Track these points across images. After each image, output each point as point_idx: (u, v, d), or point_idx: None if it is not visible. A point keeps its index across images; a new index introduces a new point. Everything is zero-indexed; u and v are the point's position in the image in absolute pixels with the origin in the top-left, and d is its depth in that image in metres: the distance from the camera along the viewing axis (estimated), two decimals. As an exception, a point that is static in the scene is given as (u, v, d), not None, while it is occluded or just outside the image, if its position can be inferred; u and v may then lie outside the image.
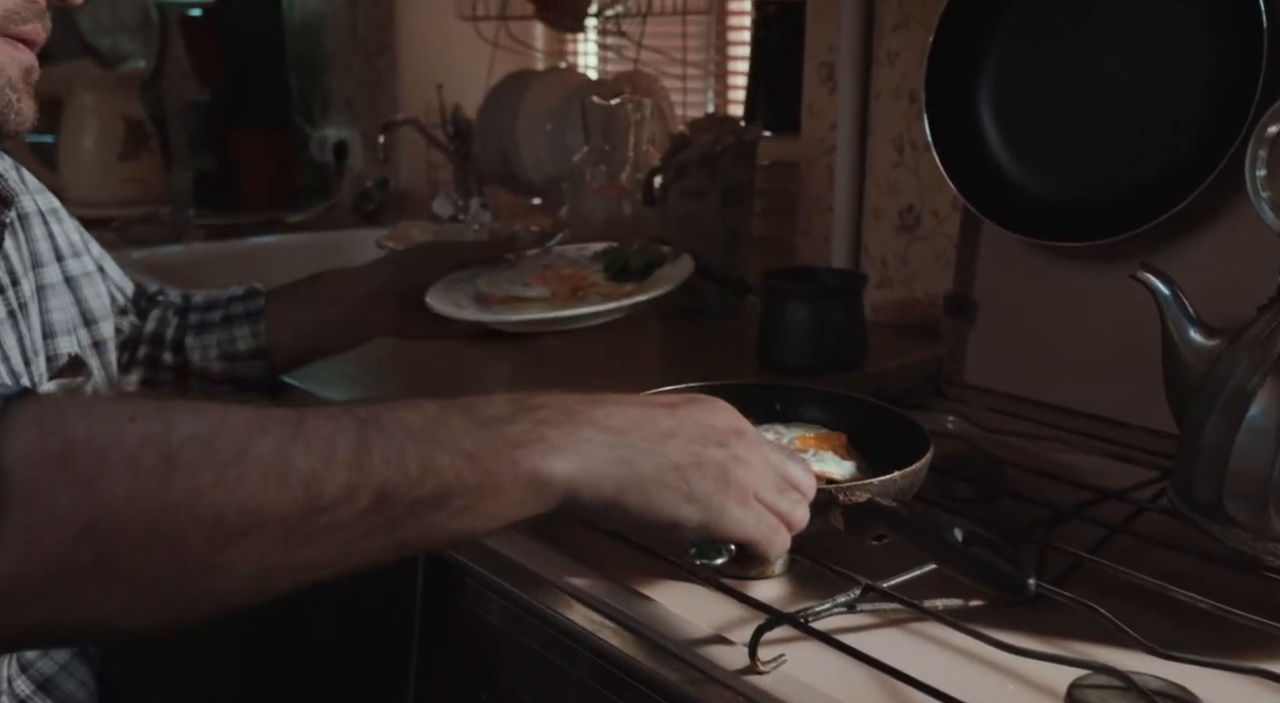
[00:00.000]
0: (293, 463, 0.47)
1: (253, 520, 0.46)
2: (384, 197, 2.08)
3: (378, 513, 0.49)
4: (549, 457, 0.54)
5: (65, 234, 0.92)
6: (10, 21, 0.69)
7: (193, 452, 0.46)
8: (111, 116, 2.05)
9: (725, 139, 1.34)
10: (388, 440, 0.49)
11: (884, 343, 1.21)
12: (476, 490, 0.51)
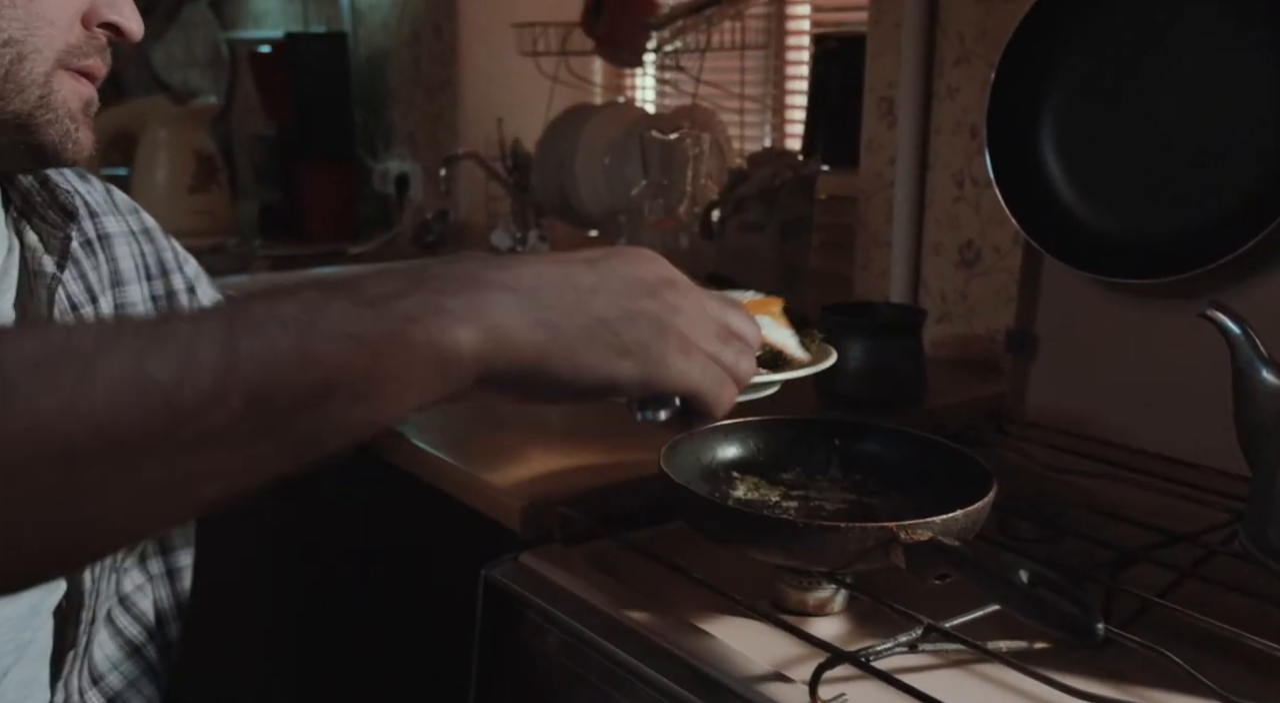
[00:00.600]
0: (147, 375, 0.42)
1: (109, 441, 0.42)
2: (444, 228, 2.11)
3: (256, 414, 0.44)
4: (449, 329, 0.47)
5: (157, 254, 0.93)
6: (73, 56, 0.72)
7: (33, 378, 0.42)
8: (183, 150, 2.11)
9: (784, 173, 1.35)
10: (258, 336, 0.44)
11: (944, 378, 1.20)
12: (368, 378, 0.46)
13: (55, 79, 0.71)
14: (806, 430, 0.91)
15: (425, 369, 0.47)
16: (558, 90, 1.98)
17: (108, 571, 0.82)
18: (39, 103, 0.71)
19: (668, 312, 0.54)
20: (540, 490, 0.90)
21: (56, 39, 0.71)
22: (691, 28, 1.72)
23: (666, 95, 2.03)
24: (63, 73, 0.71)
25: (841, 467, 0.88)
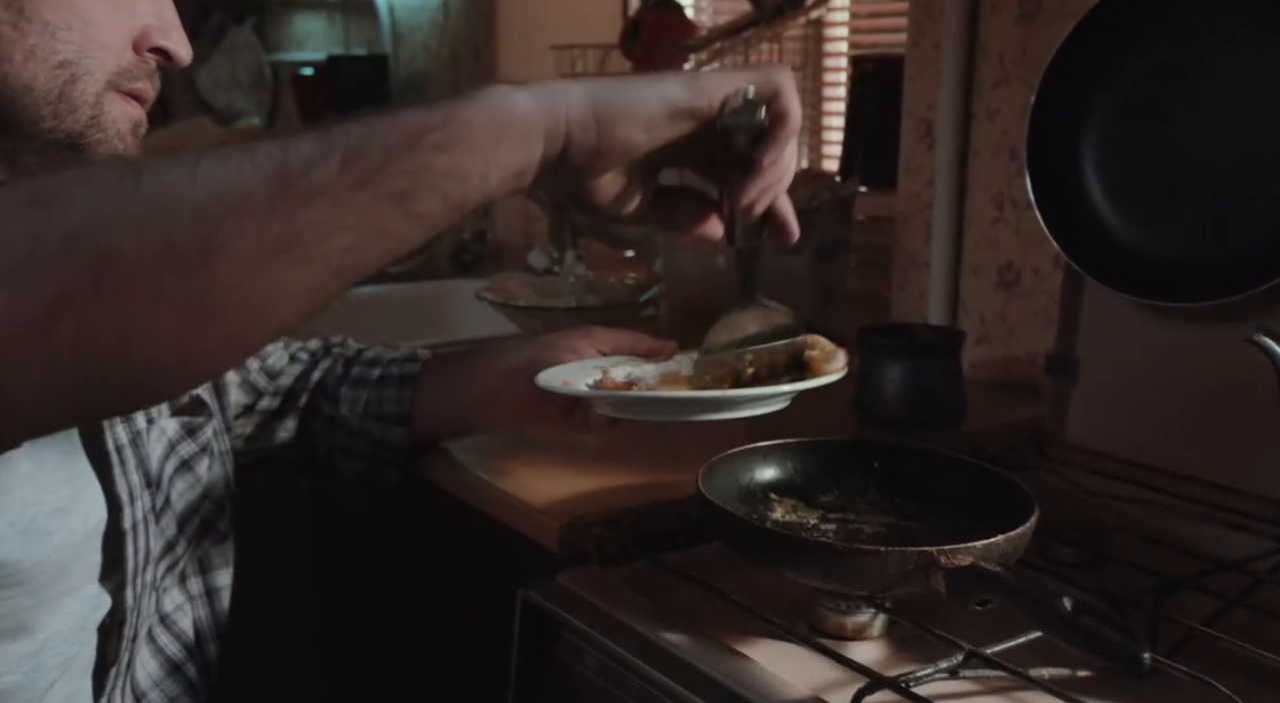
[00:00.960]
0: (258, 150, 0.50)
1: (232, 201, 0.48)
2: (481, 248, 2.13)
3: (354, 169, 0.50)
4: (511, 95, 0.56)
5: None
6: (124, 78, 0.74)
7: (158, 164, 0.49)
8: (226, 171, 2.14)
9: (821, 195, 1.34)
10: (348, 122, 0.52)
11: (983, 401, 1.19)
12: (445, 125, 0.53)
13: (106, 100, 0.73)
14: (845, 453, 0.90)
15: (494, 121, 0.54)
16: (595, 112, 2.00)
17: (149, 589, 0.83)
18: (90, 123, 0.73)
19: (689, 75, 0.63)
20: (577, 511, 0.90)
21: (109, 62, 0.72)
22: (729, 49, 1.72)
23: (703, 116, 2.04)
24: (113, 94, 0.73)
25: (880, 490, 0.87)
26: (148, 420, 0.85)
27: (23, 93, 0.70)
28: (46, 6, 0.70)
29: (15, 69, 0.69)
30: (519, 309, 1.45)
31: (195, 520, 0.90)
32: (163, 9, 0.75)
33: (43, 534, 0.72)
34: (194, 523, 0.90)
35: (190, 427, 0.90)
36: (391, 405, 1.01)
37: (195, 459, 0.90)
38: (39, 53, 0.70)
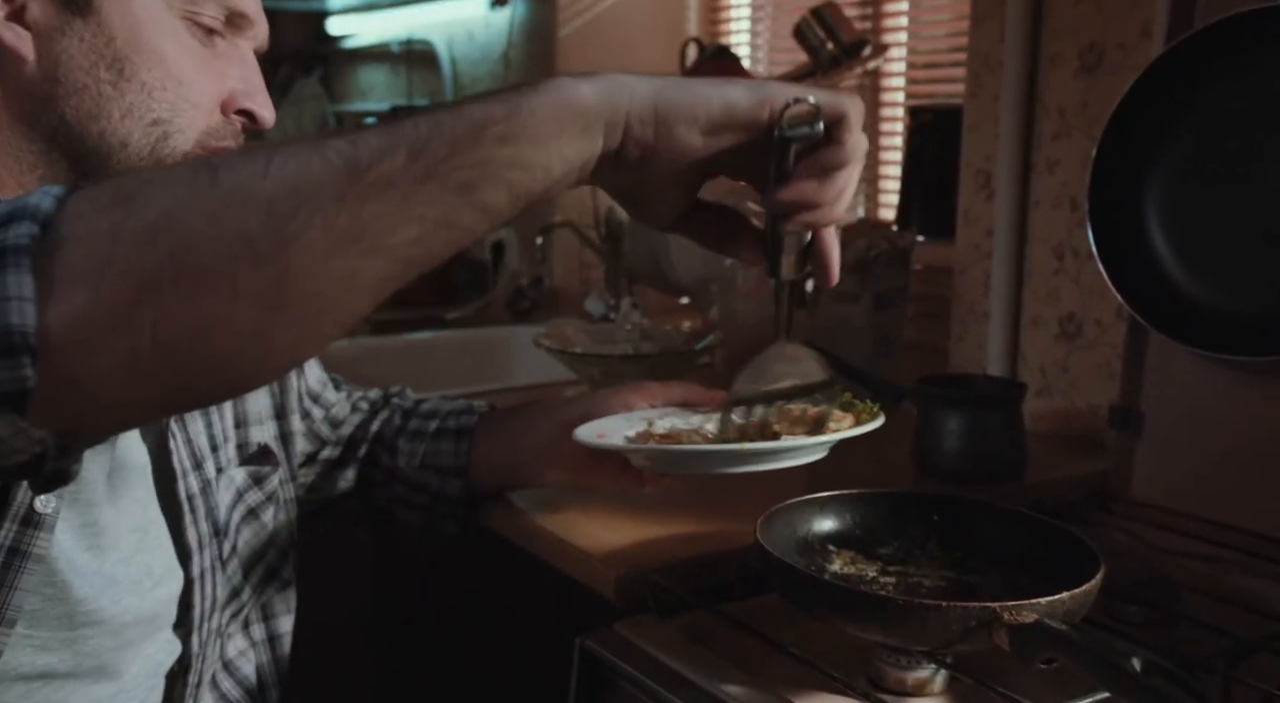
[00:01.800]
0: (327, 145, 0.51)
1: (303, 194, 0.49)
2: (538, 294, 2.15)
3: (419, 161, 0.51)
4: (575, 86, 0.56)
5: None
6: (211, 137, 0.77)
7: (232, 160, 0.51)
8: (291, 218, 2.19)
9: (878, 244, 1.35)
10: (414, 116, 0.53)
11: (1044, 454, 1.18)
12: (509, 117, 0.53)
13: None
14: (904, 505, 0.89)
15: (558, 114, 0.55)
16: (652, 161, 2.02)
17: (214, 635, 0.85)
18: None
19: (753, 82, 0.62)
20: (635, 559, 0.90)
21: (199, 121, 0.76)
22: (786, 100, 1.74)
23: (759, 166, 2.06)
24: (200, 152, 0.76)
25: (940, 543, 0.86)
26: (217, 469, 0.87)
27: (118, 148, 0.73)
28: (145, 67, 0.73)
29: (113, 126, 0.73)
30: (576, 356, 1.46)
31: (260, 568, 0.91)
32: (250, 75, 0.78)
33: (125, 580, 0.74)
34: (259, 571, 0.91)
35: (257, 476, 0.92)
36: (449, 458, 1.02)
37: (261, 508, 0.92)
38: (135, 111, 0.73)
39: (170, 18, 0.74)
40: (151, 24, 0.73)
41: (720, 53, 1.86)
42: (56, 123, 0.72)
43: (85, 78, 0.72)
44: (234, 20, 0.77)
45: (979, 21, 1.34)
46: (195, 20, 0.75)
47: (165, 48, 0.74)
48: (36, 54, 0.72)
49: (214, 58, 0.77)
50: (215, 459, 0.88)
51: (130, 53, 0.73)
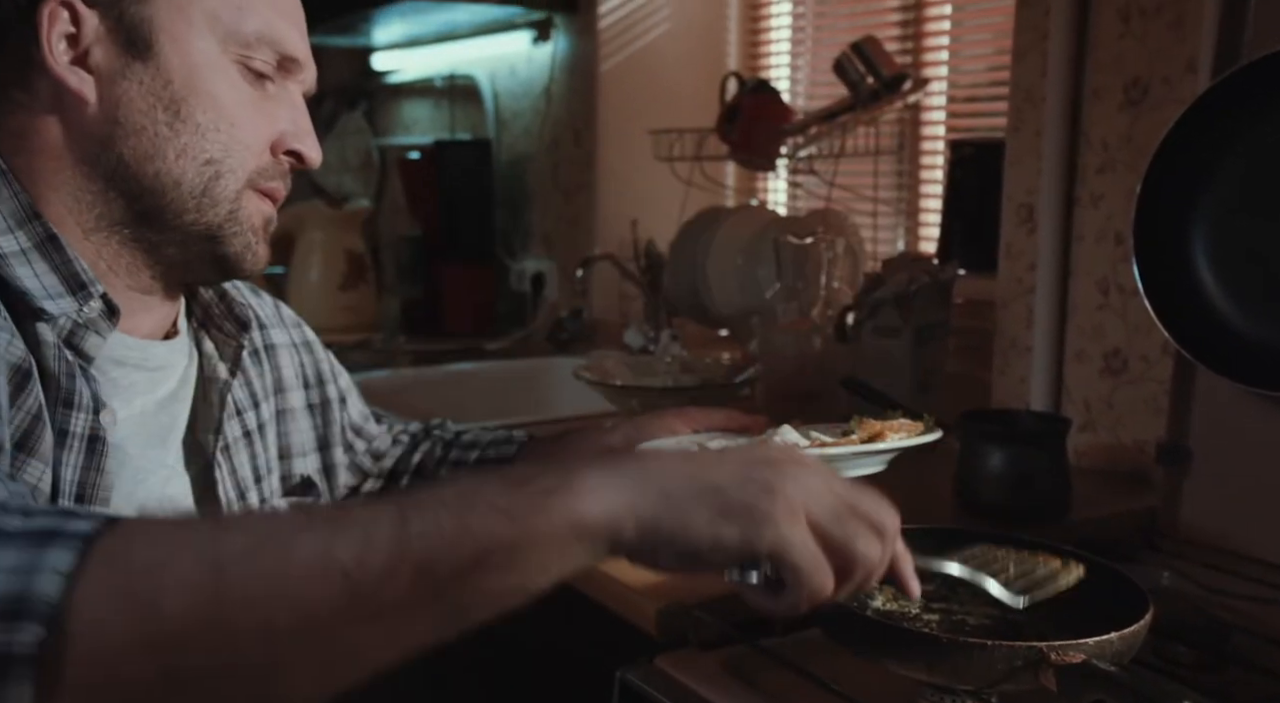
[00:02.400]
0: (334, 556, 0.49)
1: (303, 618, 0.48)
2: (578, 326, 2.16)
3: (420, 585, 0.50)
4: (583, 498, 0.53)
5: (315, 365, 1.00)
6: (261, 177, 0.79)
7: (241, 566, 0.49)
8: (335, 251, 2.23)
9: (919, 278, 1.34)
10: (423, 514, 0.51)
11: (1089, 490, 1.16)
12: (514, 546, 0.52)
13: (244, 197, 0.78)
14: (947, 541, 0.88)
15: (563, 538, 0.53)
16: (691, 193, 2.03)
17: None
18: (228, 217, 0.78)
19: (781, 478, 0.57)
20: (675, 593, 0.90)
21: (250, 161, 0.78)
22: (825, 133, 1.75)
23: (798, 198, 2.06)
24: (250, 192, 0.79)
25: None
26: (260, 500, 0.89)
27: (172, 187, 0.76)
28: (200, 109, 0.75)
29: (168, 165, 0.75)
30: (616, 389, 1.47)
31: None
32: (299, 117, 0.81)
33: None
34: None
35: (298, 508, 0.93)
36: None
37: None
38: (190, 151, 0.75)
39: (225, 62, 0.77)
40: (207, 68, 0.76)
41: (760, 87, 1.87)
42: (115, 162, 0.75)
43: (143, 119, 0.74)
44: (285, 65, 0.80)
45: (1020, 56, 1.35)
46: (248, 65, 0.77)
47: (220, 90, 0.76)
48: (98, 96, 0.74)
49: (265, 100, 0.79)
50: (259, 490, 0.89)
51: (187, 95, 0.75)
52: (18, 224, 0.73)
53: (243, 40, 0.77)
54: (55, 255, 0.73)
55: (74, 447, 0.72)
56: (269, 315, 0.97)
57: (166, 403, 0.82)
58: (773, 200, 2.16)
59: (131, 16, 0.74)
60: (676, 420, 0.99)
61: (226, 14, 0.76)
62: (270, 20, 0.78)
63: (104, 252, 0.77)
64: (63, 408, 0.72)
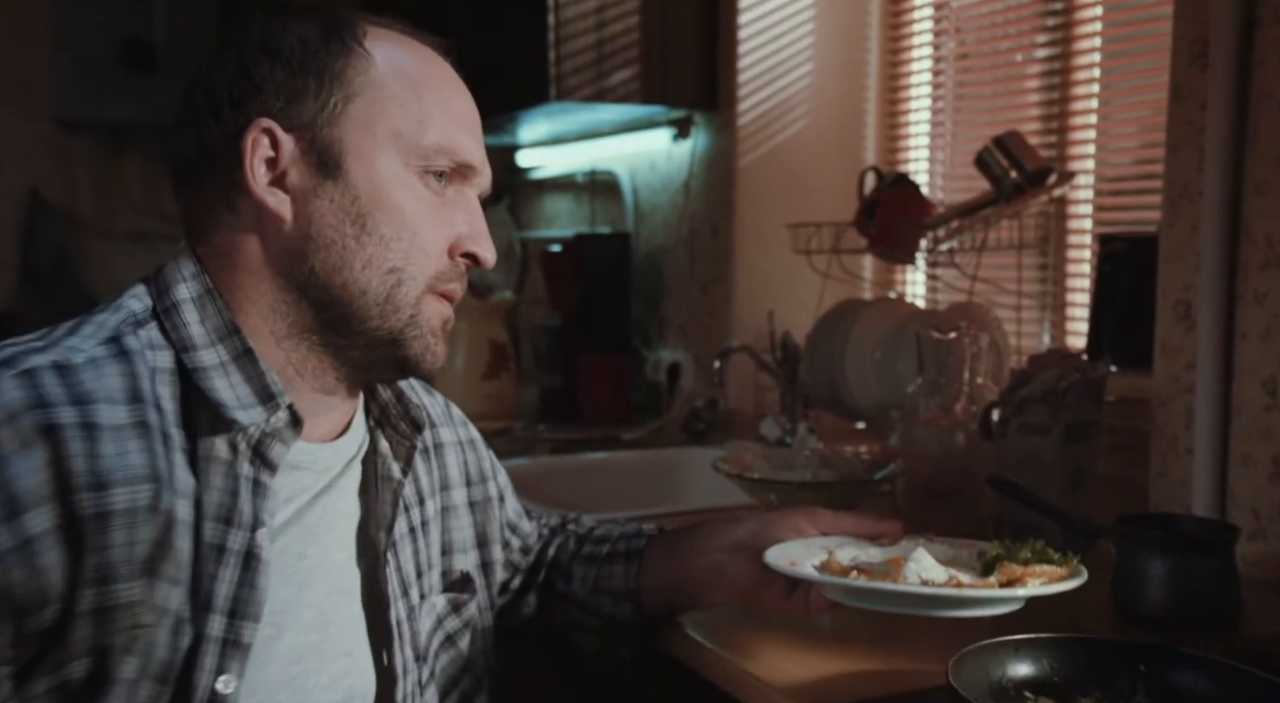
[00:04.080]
0: None
1: None
2: (713, 417, 2.17)
3: None
4: None
5: (478, 463, 1.03)
6: (439, 281, 0.83)
7: None
8: (480, 340, 2.30)
9: (1069, 375, 1.31)
10: None
11: (1261, 603, 1.10)
12: None
13: (424, 301, 0.82)
14: (1108, 652, 0.85)
15: None
16: (828, 285, 2.04)
17: None
18: (409, 321, 0.82)
19: None
20: (817, 694, 0.89)
21: (429, 267, 0.82)
22: (967, 228, 1.73)
23: (938, 291, 2.04)
24: (430, 296, 0.83)
25: (1149, 696, 0.81)
26: (420, 596, 0.91)
27: (358, 296, 0.80)
28: (384, 222, 0.80)
29: (354, 275, 0.80)
30: (754, 482, 1.46)
31: (455, 694, 0.94)
32: (475, 220, 0.85)
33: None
34: (453, 697, 0.93)
35: (456, 603, 0.95)
36: (620, 581, 1.03)
37: (459, 635, 0.95)
38: (374, 261, 0.80)
39: (407, 174, 0.81)
40: (391, 181, 0.80)
41: (899, 180, 1.88)
42: (307, 274, 0.80)
43: (333, 233, 0.79)
44: (462, 171, 0.84)
45: (1174, 150, 1.32)
46: (428, 172, 0.82)
47: (403, 202, 0.81)
48: (293, 214, 0.79)
49: (443, 205, 0.83)
50: (420, 585, 0.92)
51: (373, 209, 0.80)
52: (219, 338, 0.78)
53: (423, 153, 0.81)
54: (250, 367, 0.78)
55: (230, 562, 0.75)
56: (439, 414, 1.01)
57: (321, 496, 0.85)
58: (911, 293, 2.15)
59: (324, 139, 0.79)
60: (805, 520, 0.98)
61: (408, 130, 0.81)
62: (449, 132, 0.83)
63: (293, 357, 0.82)
64: (221, 524, 0.75)
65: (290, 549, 0.81)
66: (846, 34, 2.20)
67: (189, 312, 0.79)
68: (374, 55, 0.82)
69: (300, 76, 0.80)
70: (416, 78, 0.83)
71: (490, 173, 0.88)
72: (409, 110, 0.81)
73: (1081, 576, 0.87)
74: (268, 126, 0.79)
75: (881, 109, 2.21)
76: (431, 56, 0.86)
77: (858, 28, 2.19)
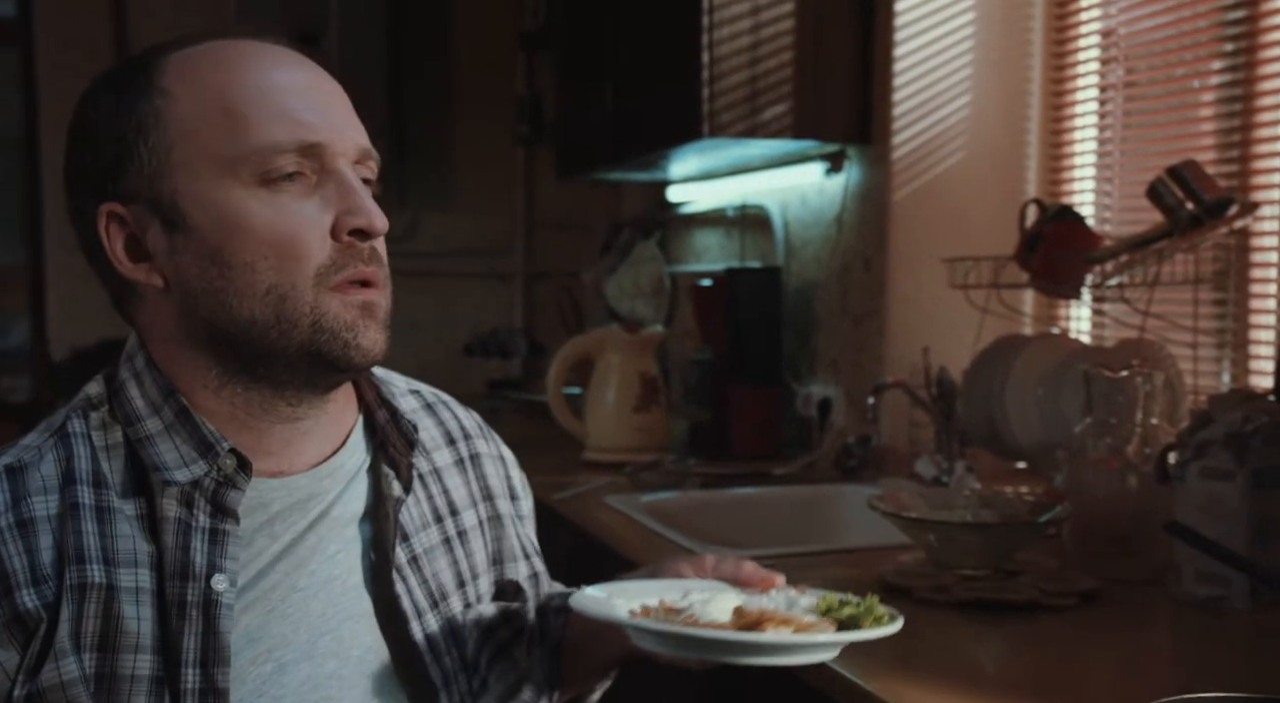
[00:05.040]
0: None
1: None
2: (865, 453, 2.13)
3: None
4: None
5: (520, 477, 1.04)
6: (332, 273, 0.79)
7: None
8: (630, 373, 2.33)
9: (1257, 417, 1.24)
10: None
11: None
12: None
13: (322, 303, 0.79)
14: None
15: None
16: (987, 320, 1.98)
17: None
18: (312, 328, 0.79)
19: None
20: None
21: (309, 269, 0.79)
22: (1139, 261, 1.66)
23: (1104, 327, 1.96)
24: (326, 294, 0.79)
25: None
26: (465, 605, 0.91)
27: (251, 327, 0.79)
28: (239, 250, 0.78)
29: (237, 311, 0.79)
30: (911, 521, 1.43)
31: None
32: (346, 194, 0.80)
33: None
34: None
35: (507, 613, 0.94)
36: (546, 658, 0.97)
37: (512, 643, 0.93)
38: (246, 290, 0.79)
39: (248, 190, 0.78)
40: (232, 206, 0.78)
41: (1063, 213, 1.82)
42: (203, 327, 0.80)
43: (201, 282, 0.79)
44: (309, 152, 0.79)
45: (1372, 178, 1.24)
46: (268, 177, 0.78)
47: (252, 221, 0.78)
48: (164, 279, 0.80)
49: (306, 196, 0.79)
50: (463, 595, 0.91)
51: (224, 242, 0.78)
52: (160, 405, 0.81)
53: (252, 163, 0.77)
54: (189, 424, 0.80)
55: (191, 615, 0.77)
56: (473, 427, 1.00)
57: (317, 524, 0.84)
58: (1075, 329, 2.07)
59: (160, 197, 0.79)
60: (687, 565, 0.90)
61: (226, 147, 0.77)
62: (268, 129, 0.78)
63: (236, 401, 0.82)
64: (178, 581, 0.78)
65: (280, 585, 0.82)
66: (1007, 64, 2.15)
67: (132, 387, 0.82)
68: (172, 90, 0.78)
69: (113, 147, 0.79)
70: (220, 87, 0.78)
71: (357, 134, 0.82)
72: (219, 127, 0.78)
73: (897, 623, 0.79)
74: (110, 210, 0.79)
75: (1044, 140, 2.15)
76: (246, 51, 0.81)
77: (1019, 57, 2.14)
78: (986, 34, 2.14)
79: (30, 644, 0.75)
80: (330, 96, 0.82)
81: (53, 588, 0.76)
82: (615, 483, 2.07)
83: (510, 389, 3.18)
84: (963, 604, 1.26)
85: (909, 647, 1.19)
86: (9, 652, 0.75)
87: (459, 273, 3.48)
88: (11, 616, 0.75)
